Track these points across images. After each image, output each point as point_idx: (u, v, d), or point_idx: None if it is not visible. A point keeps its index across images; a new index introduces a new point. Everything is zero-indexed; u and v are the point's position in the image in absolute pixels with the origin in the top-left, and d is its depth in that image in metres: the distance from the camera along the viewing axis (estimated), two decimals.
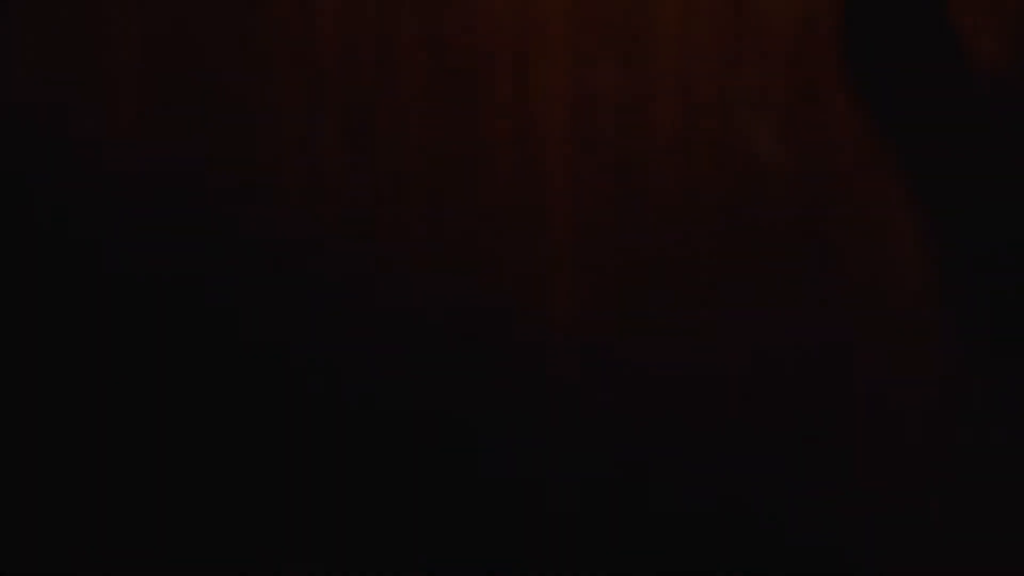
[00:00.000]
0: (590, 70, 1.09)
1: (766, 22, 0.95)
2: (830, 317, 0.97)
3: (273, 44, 1.18)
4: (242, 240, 1.21)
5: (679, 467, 1.08)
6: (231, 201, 1.19)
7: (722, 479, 1.06)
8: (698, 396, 1.06)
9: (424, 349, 1.18)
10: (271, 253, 1.20)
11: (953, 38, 0.88)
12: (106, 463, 1.20)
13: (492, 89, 1.15)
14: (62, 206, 1.20)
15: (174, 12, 1.20)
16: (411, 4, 1.15)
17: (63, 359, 1.20)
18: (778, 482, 1.03)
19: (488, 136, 1.16)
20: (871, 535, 1.01)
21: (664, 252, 1.07)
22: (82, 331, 1.21)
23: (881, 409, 0.96)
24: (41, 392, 1.20)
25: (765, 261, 0.99)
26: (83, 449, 1.21)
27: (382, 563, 1.19)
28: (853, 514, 1.01)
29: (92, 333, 1.20)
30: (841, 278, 0.96)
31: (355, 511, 1.18)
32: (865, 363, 0.96)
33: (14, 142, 1.19)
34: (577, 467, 1.16)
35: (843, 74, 0.92)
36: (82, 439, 1.20)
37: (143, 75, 1.21)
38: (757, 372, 1.02)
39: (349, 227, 1.19)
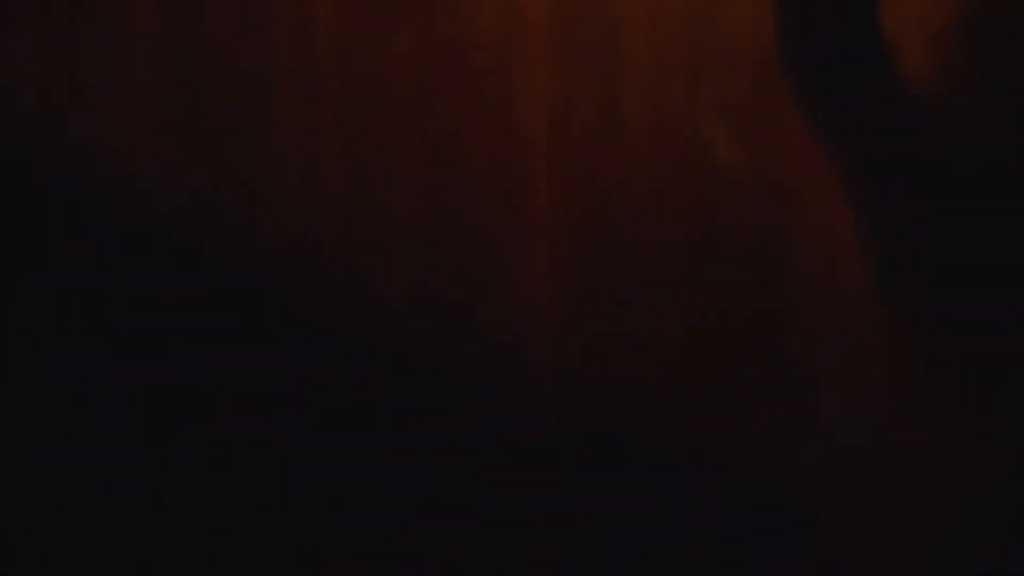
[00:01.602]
0: (568, 81, 1.16)
1: (728, 37, 1.03)
2: (782, 309, 1.06)
3: (272, 63, 1.26)
4: (235, 240, 1.28)
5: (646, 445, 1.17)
6: (233, 206, 1.27)
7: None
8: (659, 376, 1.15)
9: (410, 337, 1.26)
10: (270, 250, 1.27)
11: (884, 51, 0.96)
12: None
13: (481, 100, 1.22)
14: (66, 214, 1.26)
15: (179, 31, 1.27)
16: (405, 21, 1.23)
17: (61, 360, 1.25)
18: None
19: (475, 142, 1.24)
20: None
21: (633, 247, 1.15)
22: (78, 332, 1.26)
23: (823, 393, 1.05)
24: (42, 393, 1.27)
25: (723, 256, 1.08)
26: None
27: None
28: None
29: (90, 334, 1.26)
30: (794, 274, 1.04)
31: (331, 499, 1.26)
32: (810, 351, 1.05)
33: (13, 153, 1.25)
34: (556, 447, 1.25)
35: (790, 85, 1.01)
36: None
37: (145, 85, 1.28)
38: (715, 361, 1.11)
39: (345, 227, 1.27)
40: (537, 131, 1.21)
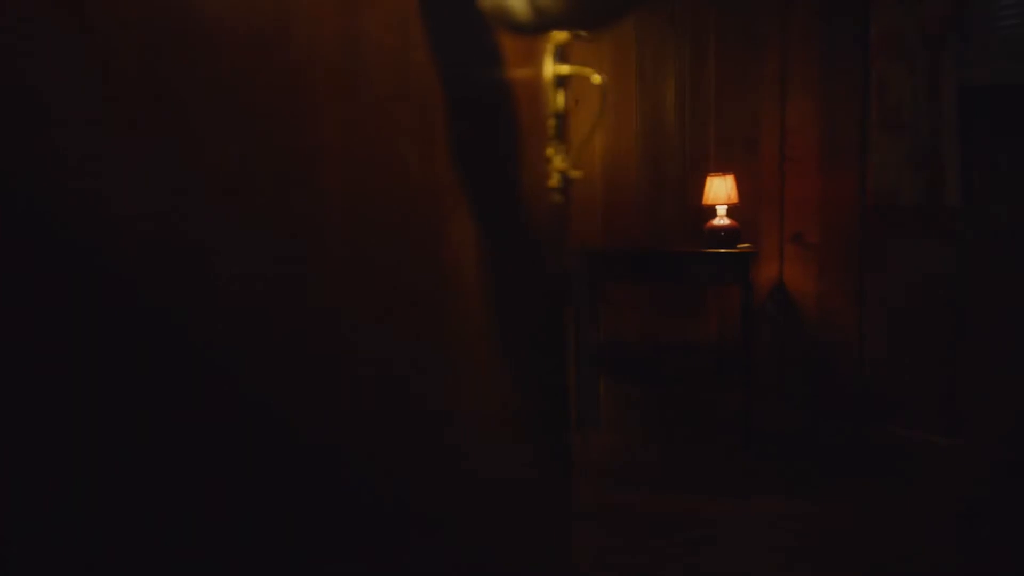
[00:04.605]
0: (346, 101, 1.44)
1: (415, 78, 1.30)
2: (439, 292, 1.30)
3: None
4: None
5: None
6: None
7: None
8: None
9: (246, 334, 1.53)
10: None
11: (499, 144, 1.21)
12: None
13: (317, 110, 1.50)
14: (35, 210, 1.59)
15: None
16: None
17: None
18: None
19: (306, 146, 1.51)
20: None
21: (370, 236, 1.41)
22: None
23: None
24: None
25: (406, 236, 1.33)
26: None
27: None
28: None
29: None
30: (444, 256, 1.28)
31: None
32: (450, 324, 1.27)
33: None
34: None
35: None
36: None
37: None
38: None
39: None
40: (333, 145, 1.49)
